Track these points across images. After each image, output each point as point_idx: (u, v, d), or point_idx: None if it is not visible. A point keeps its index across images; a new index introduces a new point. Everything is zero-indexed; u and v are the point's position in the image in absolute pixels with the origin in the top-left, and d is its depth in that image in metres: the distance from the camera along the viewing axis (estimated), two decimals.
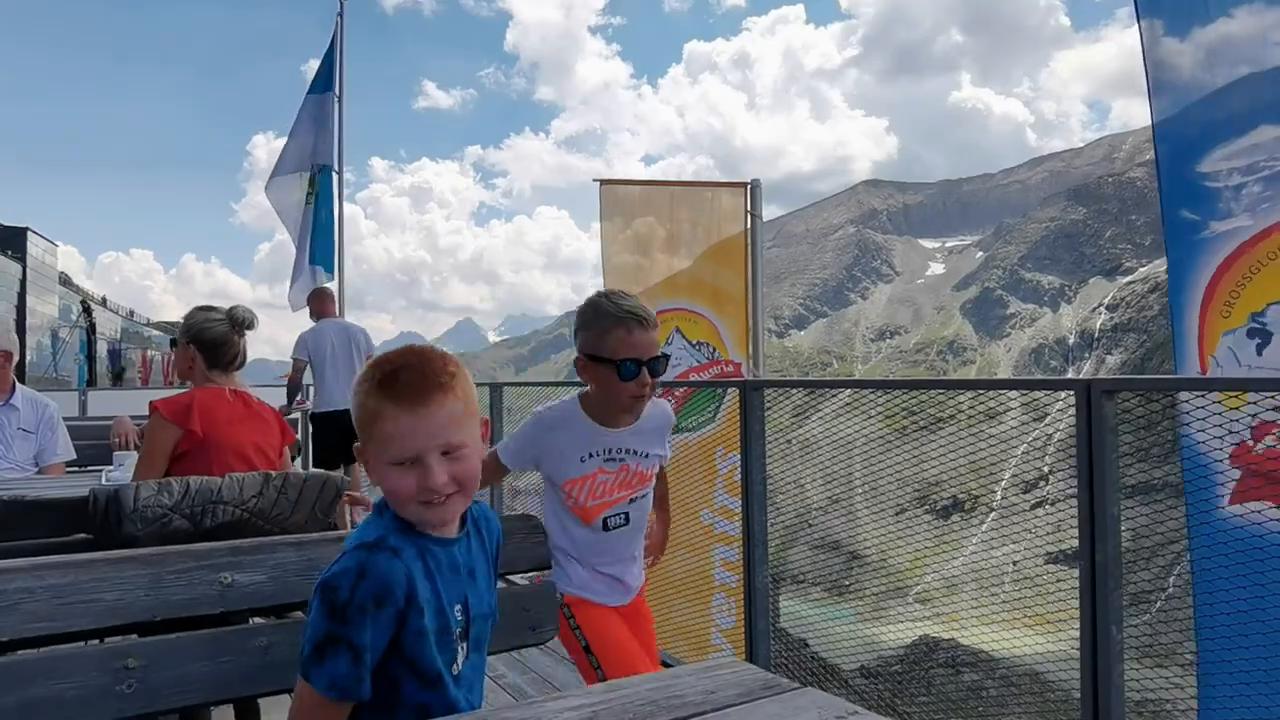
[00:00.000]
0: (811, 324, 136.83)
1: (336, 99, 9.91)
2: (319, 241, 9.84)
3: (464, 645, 1.30)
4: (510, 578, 1.97)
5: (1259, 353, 2.83)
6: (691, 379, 5.43)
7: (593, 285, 5.82)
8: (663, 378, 2.18)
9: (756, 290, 5.29)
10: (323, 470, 3.22)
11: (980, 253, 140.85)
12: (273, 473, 2.50)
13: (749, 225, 5.35)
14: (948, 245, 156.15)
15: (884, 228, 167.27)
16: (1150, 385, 2.26)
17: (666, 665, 3.62)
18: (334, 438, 6.16)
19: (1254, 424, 2.67)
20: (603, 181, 5.67)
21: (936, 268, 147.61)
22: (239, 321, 2.88)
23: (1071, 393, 2.11)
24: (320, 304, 6.75)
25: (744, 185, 5.46)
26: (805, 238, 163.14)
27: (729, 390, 4.28)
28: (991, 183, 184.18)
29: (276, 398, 5.88)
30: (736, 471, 3.97)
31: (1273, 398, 2.59)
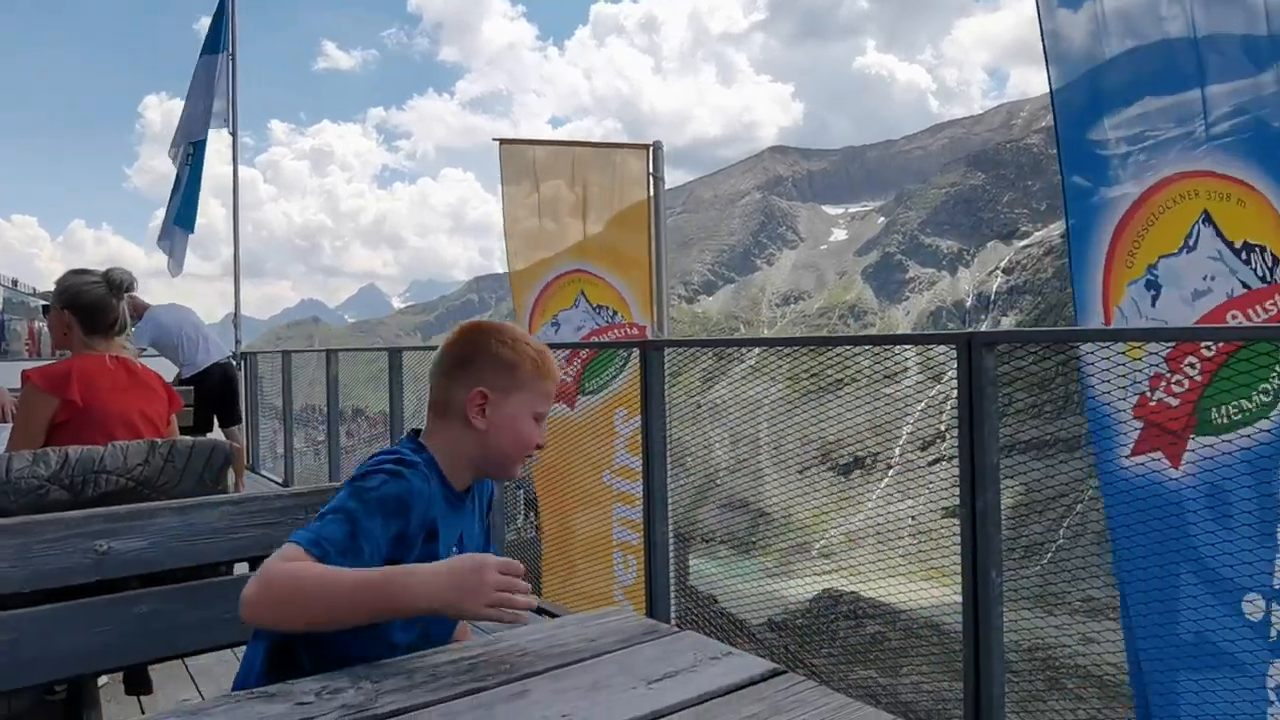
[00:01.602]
0: (720, 289, 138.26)
1: (230, 58, 9.49)
2: (184, 201, 9.56)
3: None
4: None
5: (1153, 304, 2.99)
6: (592, 341, 5.45)
7: (501, 250, 5.74)
8: (565, 340, 2.13)
9: (660, 253, 5.31)
10: (211, 437, 3.13)
11: (882, 218, 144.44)
12: (159, 440, 2.41)
13: (651, 188, 5.36)
14: (850, 211, 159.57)
15: (789, 194, 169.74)
16: (1027, 337, 2.38)
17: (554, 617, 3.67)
18: (204, 396, 6.08)
19: (1150, 375, 2.83)
20: (502, 141, 5.57)
21: (839, 234, 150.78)
22: (117, 284, 2.76)
23: (953, 346, 2.20)
24: (134, 305, 6.62)
25: (646, 147, 5.46)
26: (714, 203, 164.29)
27: (632, 353, 4.31)
28: (894, 149, 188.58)
29: (161, 366, 5.66)
30: (639, 432, 4.01)
31: (1166, 348, 2.75)
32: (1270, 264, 2.65)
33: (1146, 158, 3.03)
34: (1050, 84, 3.29)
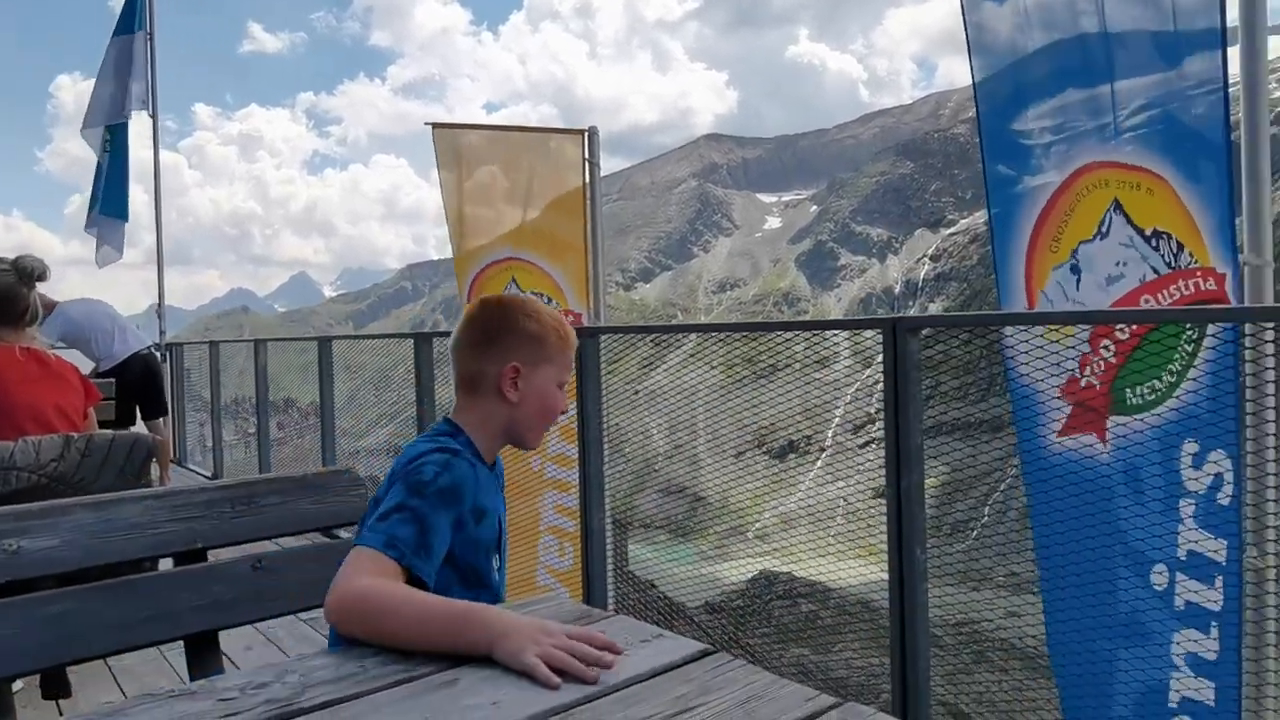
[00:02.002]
0: (657, 277, 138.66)
1: (149, 38, 9.14)
2: (111, 189, 9.18)
3: (496, 555, 1.49)
4: (336, 531, 1.92)
5: (1077, 288, 3.09)
6: None
7: (435, 237, 5.66)
8: None
9: (596, 239, 5.30)
10: (132, 430, 3.04)
11: (814, 206, 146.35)
12: (74, 434, 2.33)
13: (587, 173, 5.34)
14: (784, 199, 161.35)
15: (724, 182, 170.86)
16: (950, 321, 2.44)
17: None
18: (125, 389, 5.87)
19: (1079, 357, 2.92)
20: (435, 125, 5.47)
21: (773, 221, 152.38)
22: (27, 272, 2.65)
23: (880, 331, 2.25)
24: (42, 303, 6.33)
25: (581, 133, 5.43)
26: (650, 190, 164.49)
27: None
28: (826, 138, 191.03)
29: (75, 361, 5.46)
30: (575, 420, 4.01)
31: (1083, 330, 2.85)
32: (1175, 250, 2.77)
33: (1067, 148, 3.13)
34: (973, 75, 3.36)
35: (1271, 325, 2.25)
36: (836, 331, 3.40)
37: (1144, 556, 2.79)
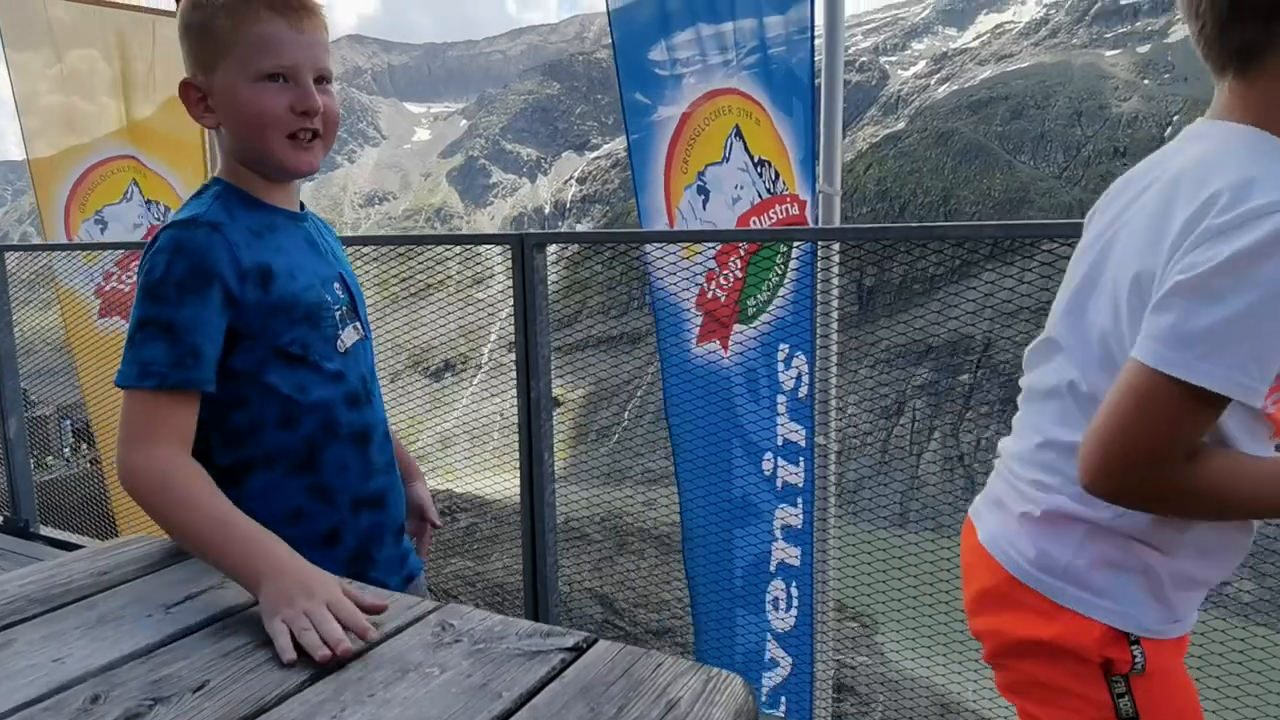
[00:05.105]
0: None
1: None
2: None
3: (356, 324, 1.24)
4: None
5: (704, 207, 3.38)
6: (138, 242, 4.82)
7: (14, 131, 4.70)
8: (112, 239, 1.85)
9: (215, 142, 4.81)
10: None
11: (465, 121, 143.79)
12: None
13: None
14: (433, 111, 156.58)
15: (369, 88, 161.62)
16: (571, 238, 2.58)
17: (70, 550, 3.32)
18: None
19: (705, 273, 3.22)
20: None
21: (423, 133, 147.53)
22: None
23: (509, 247, 2.34)
24: None
25: None
26: None
27: None
28: (475, 50, 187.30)
29: None
30: None
31: (713, 248, 3.14)
32: (774, 178, 3.18)
33: (696, 81, 3.41)
34: (608, 3, 3.51)
35: (837, 243, 2.68)
36: (492, 252, 3.44)
37: (756, 446, 3.26)
